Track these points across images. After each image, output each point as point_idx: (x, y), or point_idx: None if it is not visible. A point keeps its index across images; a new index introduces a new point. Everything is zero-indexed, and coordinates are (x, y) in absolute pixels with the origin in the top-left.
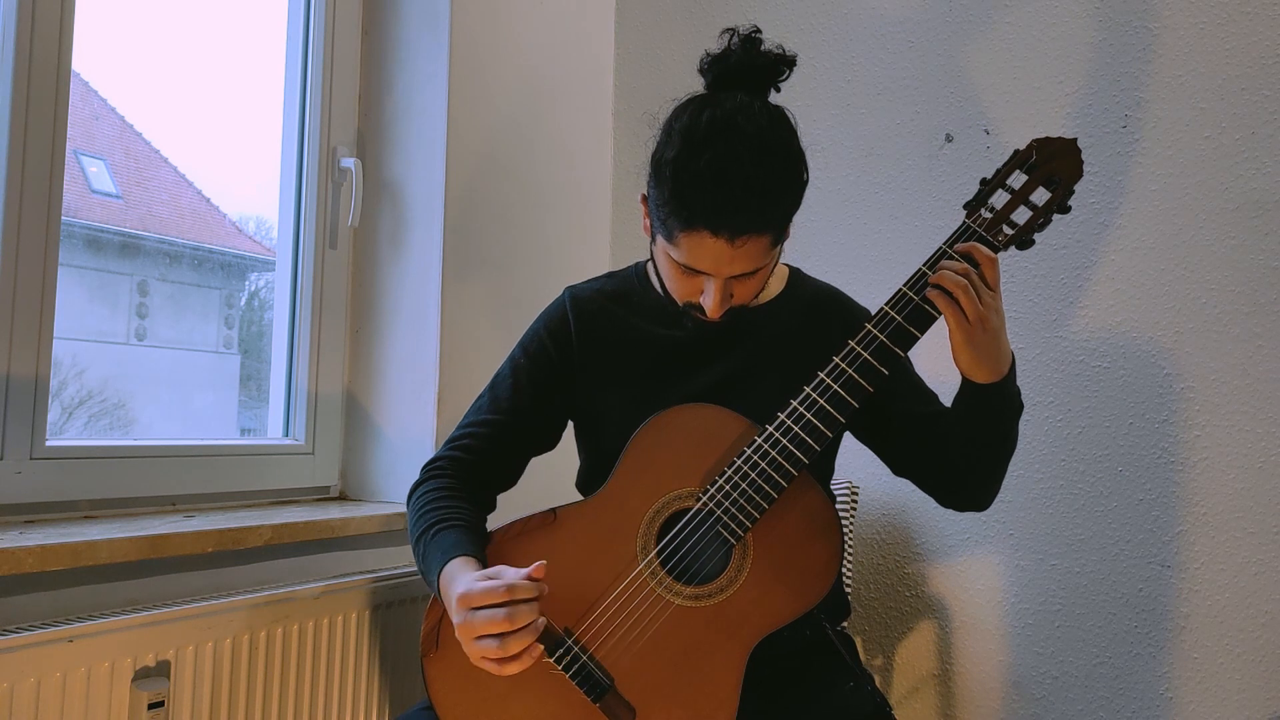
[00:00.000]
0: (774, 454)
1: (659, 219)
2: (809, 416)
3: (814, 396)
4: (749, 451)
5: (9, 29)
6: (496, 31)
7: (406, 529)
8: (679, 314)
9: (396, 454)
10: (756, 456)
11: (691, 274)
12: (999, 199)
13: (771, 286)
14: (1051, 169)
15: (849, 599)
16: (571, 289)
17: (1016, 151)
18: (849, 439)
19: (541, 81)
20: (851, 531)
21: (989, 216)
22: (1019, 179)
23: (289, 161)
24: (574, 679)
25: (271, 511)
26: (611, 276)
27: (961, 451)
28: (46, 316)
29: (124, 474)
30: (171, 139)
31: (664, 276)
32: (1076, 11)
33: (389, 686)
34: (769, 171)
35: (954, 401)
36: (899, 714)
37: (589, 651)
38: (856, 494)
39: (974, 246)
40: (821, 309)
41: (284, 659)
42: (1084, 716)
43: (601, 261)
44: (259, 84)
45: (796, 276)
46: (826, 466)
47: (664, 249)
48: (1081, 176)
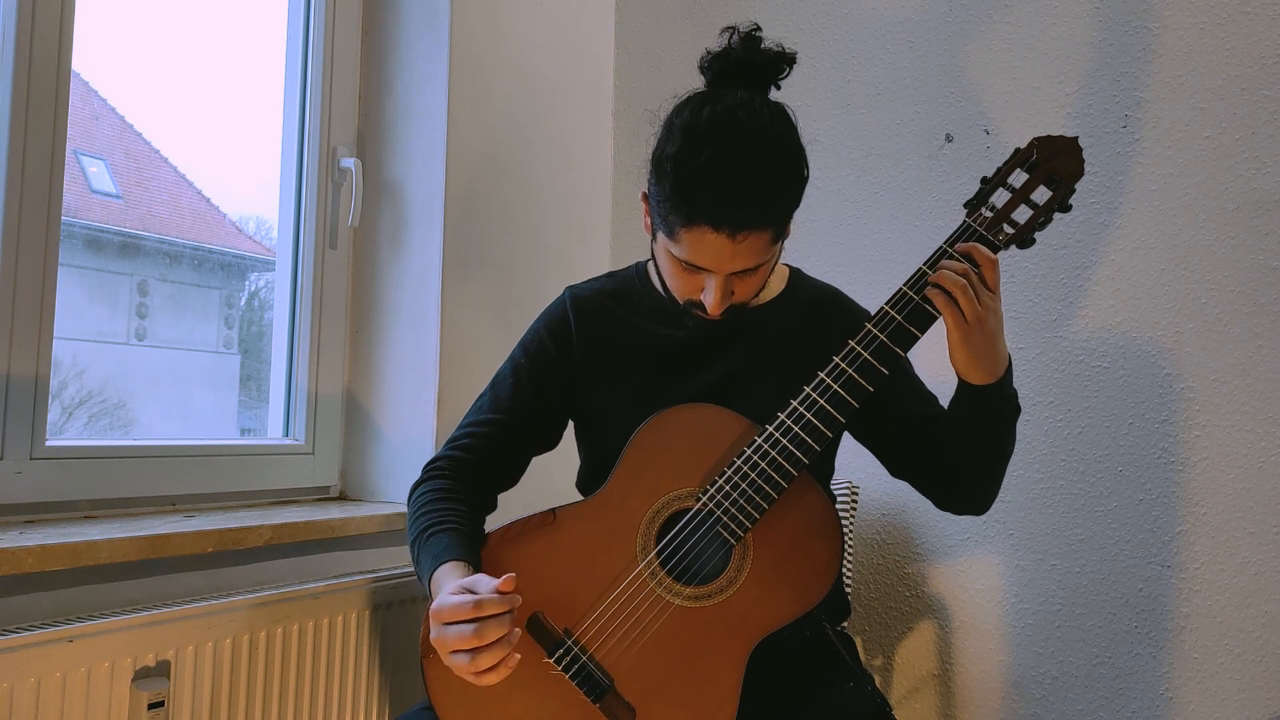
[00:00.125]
0: (774, 454)
1: (660, 215)
2: (809, 416)
3: (814, 396)
4: (749, 451)
5: (9, 29)
6: (496, 31)
7: (406, 529)
8: (679, 313)
9: (396, 454)
10: (756, 457)
11: (693, 271)
12: (1000, 198)
13: (772, 286)
14: (1053, 167)
15: (849, 599)
16: (572, 288)
17: (1018, 150)
18: (848, 439)
19: (541, 81)
20: (851, 531)
21: (990, 215)
22: (1020, 177)
23: (289, 161)
24: (573, 679)
25: (271, 511)
26: (612, 276)
27: (958, 453)
28: (46, 316)
29: (124, 474)
30: (171, 139)
31: (665, 274)
32: (1076, 11)
33: (389, 686)
34: (770, 167)
35: (950, 403)
36: (899, 714)
37: (589, 652)
38: (856, 494)
39: (974, 247)
40: (822, 309)
41: (284, 659)
42: (1084, 716)
43: (601, 261)
44: (259, 84)
45: (797, 277)
46: (826, 466)
47: (665, 246)
48: (1083, 175)
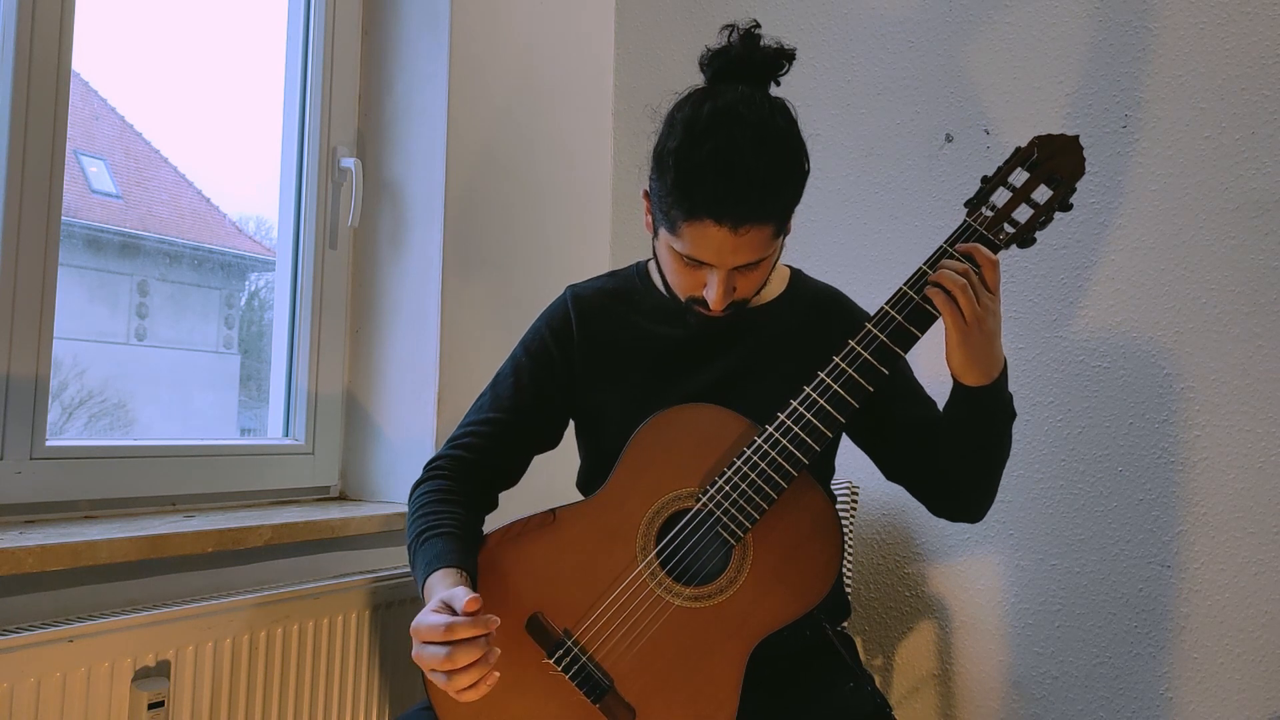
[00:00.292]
0: (774, 454)
1: (661, 210)
2: (809, 416)
3: (814, 396)
4: (749, 452)
5: (9, 29)
6: (496, 31)
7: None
8: (680, 312)
9: (396, 454)
10: (756, 457)
11: (694, 266)
12: (1000, 197)
13: (773, 286)
14: (1053, 166)
15: (849, 599)
16: (573, 288)
17: (1018, 149)
18: (847, 440)
19: (541, 81)
20: (851, 531)
21: (990, 214)
22: (1020, 176)
23: (289, 161)
24: (573, 680)
25: (271, 511)
26: (613, 275)
27: (953, 455)
28: (46, 316)
29: (124, 474)
30: (171, 139)
31: (666, 271)
32: (1076, 11)
33: (389, 686)
34: (771, 161)
35: (946, 405)
36: (899, 714)
37: (588, 653)
38: (856, 494)
39: (975, 248)
40: (822, 309)
41: (284, 659)
42: (1084, 716)
43: (601, 261)
44: (259, 84)
45: (798, 277)
46: (827, 466)
47: (667, 241)
48: (1083, 174)
